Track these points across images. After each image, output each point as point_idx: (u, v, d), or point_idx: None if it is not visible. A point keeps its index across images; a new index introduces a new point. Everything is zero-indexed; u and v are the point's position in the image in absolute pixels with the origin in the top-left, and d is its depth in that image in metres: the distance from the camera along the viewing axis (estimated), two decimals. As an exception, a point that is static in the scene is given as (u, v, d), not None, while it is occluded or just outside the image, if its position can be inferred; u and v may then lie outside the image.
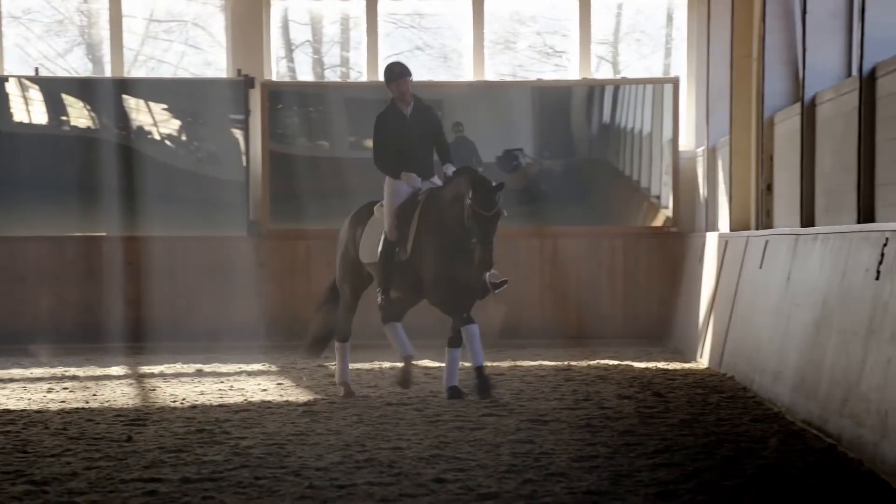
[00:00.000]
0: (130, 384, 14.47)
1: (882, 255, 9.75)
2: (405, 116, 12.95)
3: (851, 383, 9.90)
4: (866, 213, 11.96)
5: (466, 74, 20.56)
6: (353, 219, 13.58)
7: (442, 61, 21.24)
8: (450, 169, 12.81)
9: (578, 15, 20.45)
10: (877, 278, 9.75)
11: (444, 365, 13.14)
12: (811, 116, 14.04)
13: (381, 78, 20.15)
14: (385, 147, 12.97)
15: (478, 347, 12.71)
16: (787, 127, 15.01)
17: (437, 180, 13.12)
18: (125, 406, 12.52)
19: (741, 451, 9.44)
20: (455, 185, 12.59)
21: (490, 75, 20.55)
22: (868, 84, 12.07)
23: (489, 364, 15.95)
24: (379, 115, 13.22)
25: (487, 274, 12.56)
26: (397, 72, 13.05)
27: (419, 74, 20.75)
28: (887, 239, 9.83)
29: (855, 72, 12.59)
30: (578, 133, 20.01)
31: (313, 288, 19.58)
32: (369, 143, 20.02)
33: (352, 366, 15.93)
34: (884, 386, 9.14)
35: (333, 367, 15.74)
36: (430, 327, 18.91)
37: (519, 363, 16.29)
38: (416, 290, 13.18)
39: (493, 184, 12.38)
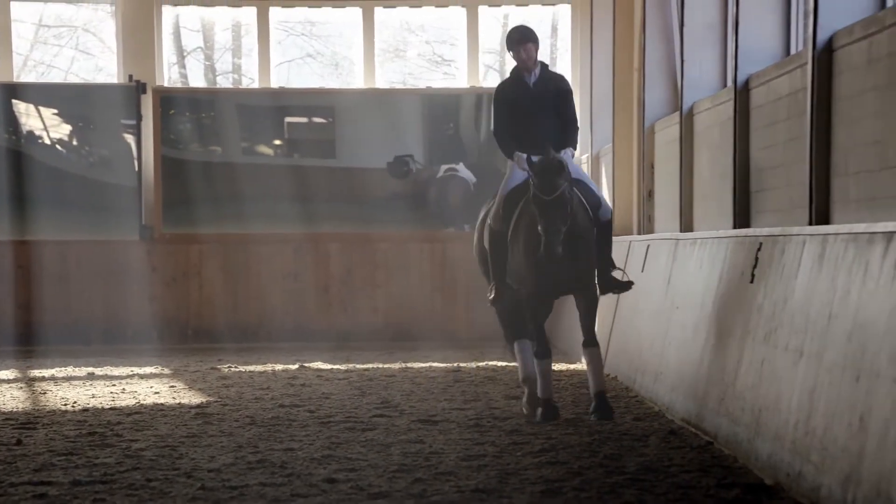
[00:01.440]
0: (20, 388, 14.31)
1: (756, 259, 9.94)
2: (527, 86, 11.14)
3: (727, 383, 10.07)
4: (741, 218, 12.15)
5: (357, 82, 20.64)
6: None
7: (333, 69, 21.29)
8: (567, 153, 10.91)
9: (466, 25, 20.60)
10: (751, 281, 9.94)
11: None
12: (689, 125, 14.22)
13: (273, 84, 20.51)
14: (501, 121, 11.30)
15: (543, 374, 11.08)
16: (667, 135, 15.23)
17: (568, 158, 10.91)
18: (14, 409, 12.36)
19: (623, 449, 9.53)
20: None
21: (380, 83, 20.63)
22: (742, 94, 12.26)
23: (382, 366, 16.12)
24: (499, 84, 11.73)
25: (614, 271, 11.18)
26: (516, 38, 11.13)
27: (310, 82, 20.87)
28: (761, 244, 10.02)
29: (730, 82, 12.79)
30: (467, 140, 20.15)
31: (206, 291, 19.60)
32: (262, 148, 20.30)
33: (245, 368, 15.99)
34: (757, 385, 9.32)
35: (227, 370, 15.82)
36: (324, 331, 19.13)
37: (409, 365, 16.31)
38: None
39: (555, 163, 10.45)
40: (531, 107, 11.07)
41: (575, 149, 11.10)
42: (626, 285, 11.18)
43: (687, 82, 14.25)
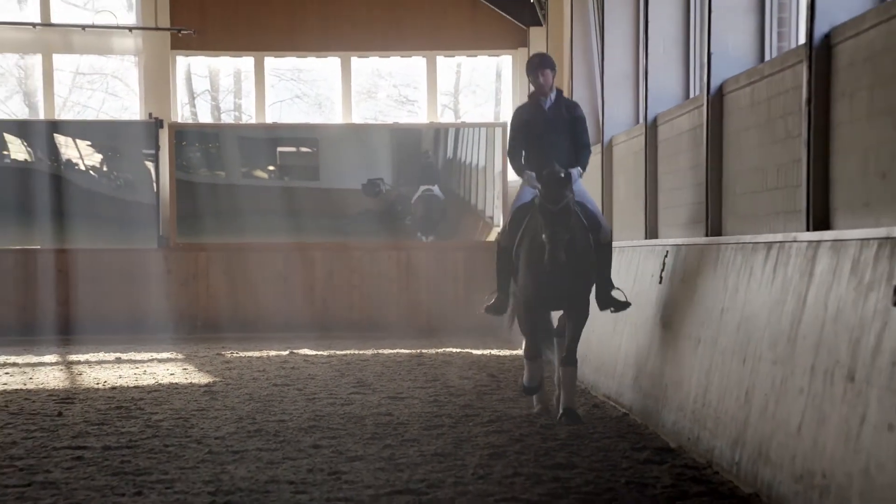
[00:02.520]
0: (61, 369, 14.25)
1: (663, 263, 10.04)
2: (543, 110, 9.78)
3: (640, 365, 10.15)
4: (651, 230, 12.18)
5: (337, 118, 20.53)
6: None
7: (317, 107, 21.22)
8: (575, 172, 9.55)
9: (426, 71, 20.57)
10: (660, 282, 10.05)
11: None
12: (609, 154, 14.28)
13: (268, 120, 20.48)
14: (515, 141, 9.91)
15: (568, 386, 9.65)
16: (592, 162, 15.24)
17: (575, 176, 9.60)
18: (56, 387, 12.36)
19: (555, 420, 9.56)
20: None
21: (356, 119, 20.54)
22: (651, 129, 12.23)
23: (357, 352, 16.09)
24: (517, 108, 10.41)
25: (614, 290, 9.72)
26: (535, 63, 9.85)
27: (298, 118, 20.80)
28: (667, 251, 10.15)
29: (641, 120, 12.86)
30: (429, 167, 20.15)
31: (211, 290, 19.51)
32: (258, 173, 20.27)
33: (244, 354, 15.92)
34: (664, 366, 9.43)
35: (230, 356, 15.77)
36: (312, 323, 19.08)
37: (380, 351, 16.25)
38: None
39: (562, 175, 9.18)
40: (545, 129, 9.73)
41: (584, 170, 9.74)
42: (625, 305, 9.72)
43: (607, 119, 14.29)
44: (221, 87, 21.42)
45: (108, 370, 14.15)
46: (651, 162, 12.25)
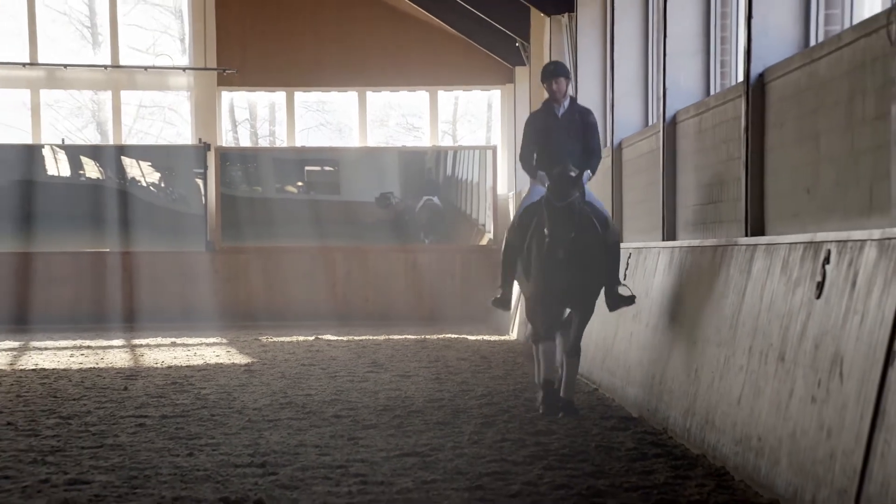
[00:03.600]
0: (126, 351, 14.31)
1: (628, 264, 10.06)
2: (556, 116, 8.56)
3: (608, 348, 10.17)
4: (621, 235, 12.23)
5: (354, 142, 20.58)
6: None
7: (338, 133, 21.26)
8: (585, 175, 8.35)
9: (429, 103, 20.61)
10: (624, 279, 10.07)
11: None
12: (613, 164, 14.18)
13: (297, 144, 20.54)
14: (527, 146, 8.70)
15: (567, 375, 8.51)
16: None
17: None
18: (122, 366, 12.42)
19: (536, 395, 9.59)
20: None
21: (370, 143, 20.56)
22: (616, 152, 12.17)
23: (371, 338, 16.12)
24: (530, 114, 9.24)
25: (619, 287, 8.47)
26: (550, 70, 8.62)
27: (322, 142, 20.84)
28: (630, 253, 10.17)
29: (608, 144, 12.81)
30: (431, 183, 20.21)
31: (250, 286, 19.54)
32: (289, 188, 20.36)
33: (277, 339, 15.96)
34: (628, 350, 9.45)
35: (265, 341, 15.78)
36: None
37: (390, 337, 16.26)
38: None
39: (571, 174, 8.01)
40: (558, 135, 8.48)
41: (593, 174, 8.54)
42: (631, 299, 8.50)
43: None
44: (258, 116, 21.49)
45: (164, 352, 14.21)
46: (617, 179, 12.26)
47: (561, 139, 8.46)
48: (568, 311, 8.75)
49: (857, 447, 4.80)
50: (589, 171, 8.42)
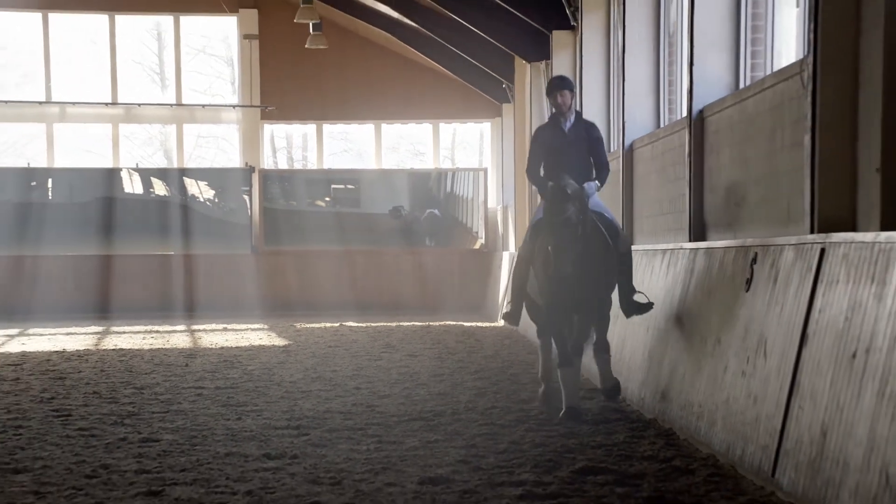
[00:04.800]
0: (187, 335, 14.30)
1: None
2: (562, 130, 7.11)
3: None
4: None
5: (371, 165, 20.61)
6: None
7: (358, 158, 21.23)
8: (591, 186, 6.99)
9: (432, 133, 20.66)
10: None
11: None
12: None
13: (324, 167, 20.58)
14: (535, 159, 7.20)
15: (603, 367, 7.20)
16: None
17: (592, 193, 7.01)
18: (184, 347, 12.41)
19: (521, 371, 9.56)
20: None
21: (384, 165, 20.61)
22: None
23: (385, 324, 16.14)
24: (537, 128, 7.57)
25: (635, 294, 7.01)
26: (556, 83, 7.18)
27: (345, 165, 20.84)
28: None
29: None
30: (434, 198, 20.25)
31: (287, 283, 19.50)
32: (318, 202, 20.43)
33: (309, 325, 15.99)
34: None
35: (299, 327, 15.79)
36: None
37: (401, 324, 16.22)
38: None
39: (568, 191, 6.54)
40: (565, 148, 7.07)
41: (602, 185, 7.12)
42: (648, 307, 7.00)
43: None
44: (294, 144, 21.49)
45: (217, 336, 14.19)
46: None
47: (567, 153, 7.06)
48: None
49: (777, 412, 4.83)
50: (597, 182, 7.04)
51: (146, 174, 19.57)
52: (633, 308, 6.99)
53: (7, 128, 20.06)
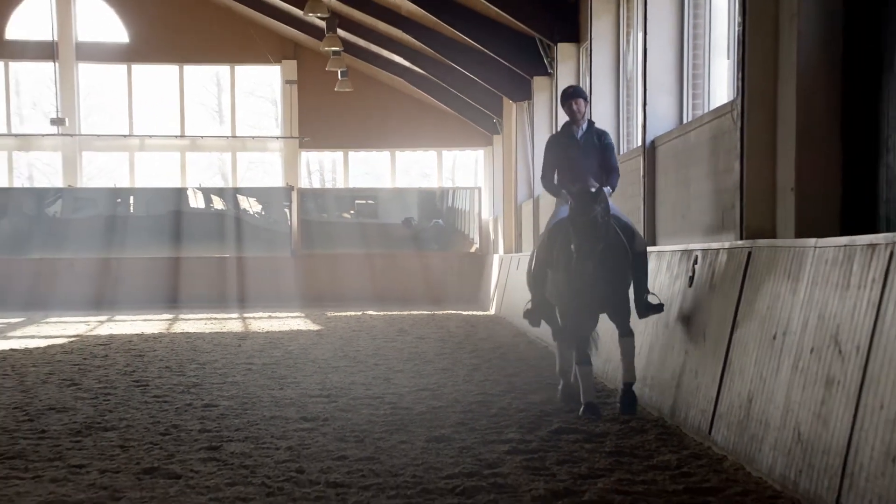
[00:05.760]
0: (239, 322, 14.26)
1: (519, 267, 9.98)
2: (575, 138, 5.98)
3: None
4: None
5: (387, 184, 20.62)
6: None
7: (377, 178, 21.25)
8: (606, 191, 5.70)
9: (436, 159, 20.65)
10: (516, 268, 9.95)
11: None
12: (537, 206, 14.16)
13: (350, 186, 20.62)
14: (549, 167, 6.06)
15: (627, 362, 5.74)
16: (526, 210, 15.03)
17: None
18: (237, 331, 12.37)
19: (509, 350, 9.50)
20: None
21: (398, 185, 20.61)
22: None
23: (399, 313, 16.20)
24: (550, 136, 6.33)
25: (647, 295, 5.73)
26: (570, 92, 6.02)
27: (366, 184, 20.88)
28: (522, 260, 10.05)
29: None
30: (438, 211, 20.27)
31: (319, 279, 19.46)
32: (345, 214, 20.48)
33: (337, 314, 15.96)
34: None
35: (330, 315, 15.76)
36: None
37: (411, 313, 16.16)
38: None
39: (592, 189, 5.51)
40: (578, 156, 5.93)
41: (613, 190, 5.85)
42: (659, 308, 5.72)
43: (536, 182, 14.13)
44: (325, 168, 21.53)
45: (263, 322, 14.16)
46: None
47: (581, 159, 5.93)
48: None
49: (713, 383, 4.85)
50: (609, 187, 5.81)
51: (207, 192, 19.60)
52: (648, 308, 5.71)
53: (98, 156, 20.20)
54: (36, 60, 19.40)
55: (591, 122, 6.04)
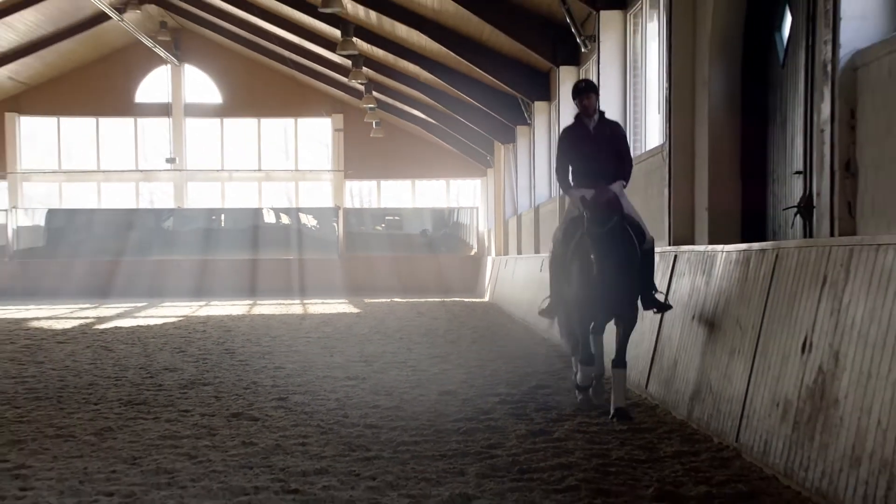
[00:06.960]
0: (299, 307, 14.07)
1: (542, 263, 9.88)
2: (588, 130, 4.37)
3: (532, 304, 9.81)
4: (536, 251, 11.85)
5: (409, 205, 20.40)
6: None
7: (401, 200, 21.12)
8: (619, 185, 4.31)
9: (445, 187, 20.60)
10: (540, 270, 9.82)
11: None
12: (519, 221, 13.76)
13: (381, 206, 20.59)
14: (562, 160, 4.43)
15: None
16: (514, 223, 14.73)
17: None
18: (298, 313, 12.16)
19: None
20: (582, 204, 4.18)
21: (417, 205, 20.39)
22: (535, 211, 12.00)
23: (418, 300, 16.03)
24: (563, 129, 4.53)
25: (656, 293, 4.31)
26: (581, 87, 4.38)
27: (392, 205, 20.87)
28: (543, 261, 9.94)
29: (534, 206, 12.68)
30: (447, 224, 20.24)
31: (360, 275, 19.13)
32: (377, 227, 20.47)
33: (372, 301, 15.68)
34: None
35: (367, 302, 15.41)
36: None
37: (427, 300, 15.95)
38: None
39: (607, 198, 4.05)
40: (591, 148, 4.36)
41: (627, 182, 4.40)
42: (667, 306, 4.38)
43: (518, 203, 13.84)
44: (363, 193, 21.49)
45: (318, 307, 14.07)
46: (535, 226, 12.02)
47: (593, 151, 4.38)
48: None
49: (649, 350, 4.88)
50: (623, 180, 4.39)
51: (277, 211, 19.64)
52: (653, 304, 4.35)
53: (198, 185, 20.31)
54: (156, 116, 19.76)
55: (602, 114, 4.48)
